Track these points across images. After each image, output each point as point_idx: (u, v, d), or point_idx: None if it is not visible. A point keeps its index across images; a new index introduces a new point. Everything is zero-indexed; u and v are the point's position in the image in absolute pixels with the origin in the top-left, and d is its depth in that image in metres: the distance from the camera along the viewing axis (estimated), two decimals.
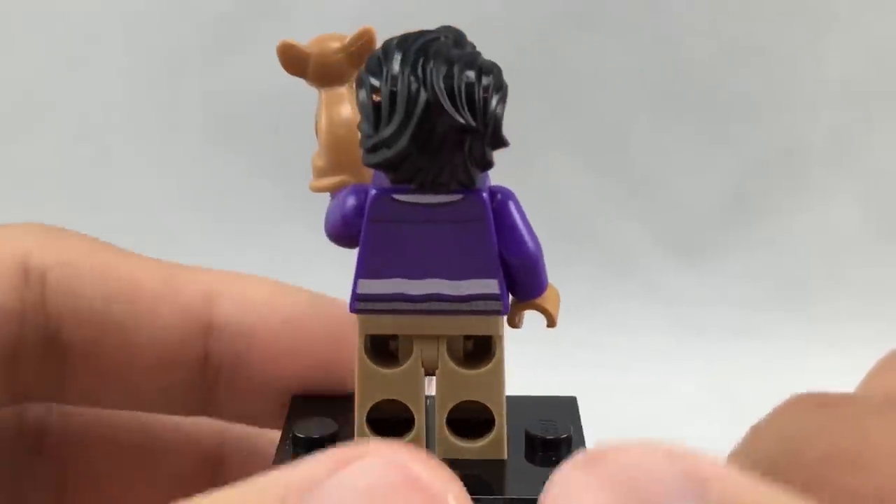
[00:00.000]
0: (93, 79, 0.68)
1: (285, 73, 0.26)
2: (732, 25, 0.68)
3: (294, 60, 0.26)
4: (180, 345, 0.28)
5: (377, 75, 0.22)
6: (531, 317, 0.26)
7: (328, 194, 0.25)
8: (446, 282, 0.24)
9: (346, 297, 0.27)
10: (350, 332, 0.25)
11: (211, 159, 0.69)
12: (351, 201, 0.24)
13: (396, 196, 0.23)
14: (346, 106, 0.26)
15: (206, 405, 0.29)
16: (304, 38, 0.26)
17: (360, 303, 0.24)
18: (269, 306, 0.28)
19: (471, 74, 0.22)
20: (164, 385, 0.28)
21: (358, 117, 0.23)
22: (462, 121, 0.22)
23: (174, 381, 0.28)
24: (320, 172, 0.25)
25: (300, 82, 0.26)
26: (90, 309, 0.28)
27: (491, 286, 0.24)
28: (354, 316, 0.24)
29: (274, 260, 0.67)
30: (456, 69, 0.22)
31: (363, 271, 0.24)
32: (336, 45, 0.25)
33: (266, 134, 0.68)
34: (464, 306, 0.24)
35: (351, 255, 0.26)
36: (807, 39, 0.68)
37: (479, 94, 0.22)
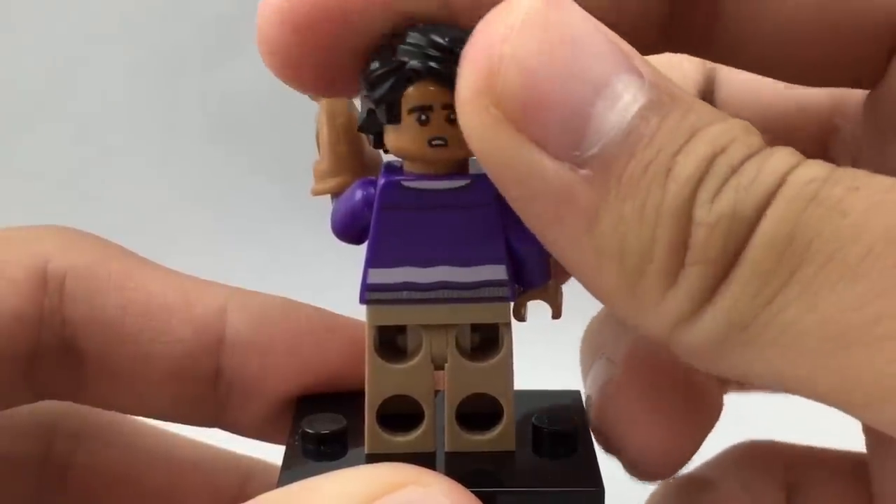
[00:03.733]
0: (93, 79, 0.68)
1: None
2: None
3: None
4: (193, 358, 0.28)
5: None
6: (533, 316, 0.27)
7: (328, 197, 0.26)
8: (454, 269, 0.24)
9: (345, 296, 0.27)
10: (361, 349, 0.25)
11: (211, 159, 0.69)
12: (359, 193, 0.24)
13: (406, 183, 0.24)
14: (347, 114, 0.26)
15: (218, 418, 0.29)
16: None
17: (371, 293, 0.24)
18: (281, 322, 0.29)
19: None
20: (177, 395, 0.29)
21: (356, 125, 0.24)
22: None
23: (187, 393, 0.29)
24: (321, 176, 0.26)
25: None
26: (105, 318, 0.28)
27: (499, 272, 0.24)
28: (364, 333, 0.25)
29: (274, 260, 0.67)
30: None
31: (373, 261, 0.24)
32: None
33: (266, 134, 0.68)
34: (472, 293, 0.24)
35: (350, 256, 0.26)
36: None
37: None
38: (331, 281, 0.47)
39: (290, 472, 0.25)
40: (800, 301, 0.19)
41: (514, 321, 0.25)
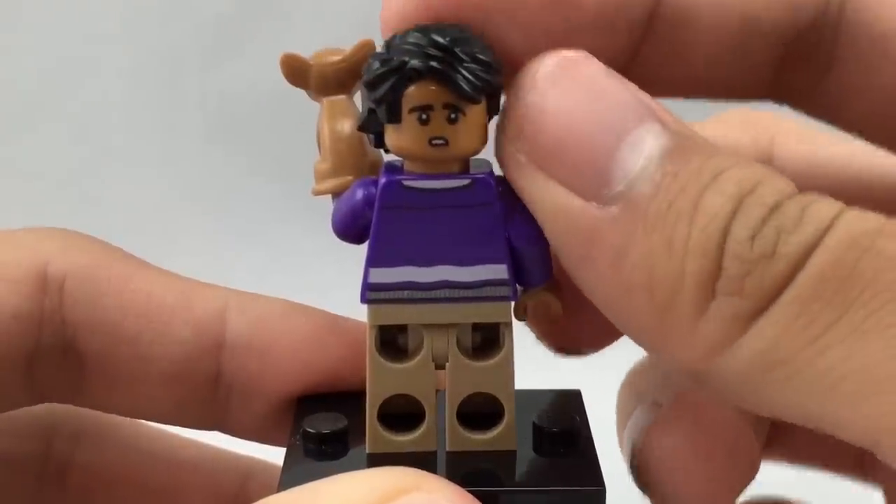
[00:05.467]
0: (93, 79, 0.68)
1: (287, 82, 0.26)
2: None
3: (296, 71, 0.26)
4: (193, 360, 0.28)
5: None
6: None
7: (329, 197, 0.26)
8: (455, 268, 0.24)
9: (346, 296, 0.27)
10: (362, 350, 0.25)
11: (210, 159, 0.69)
12: (360, 193, 0.24)
13: (407, 182, 0.24)
14: (348, 115, 0.26)
15: (218, 420, 0.29)
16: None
17: (372, 292, 0.24)
18: (281, 324, 0.29)
19: None
20: (177, 398, 0.29)
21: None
22: None
23: (186, 395, 0.29)
24: (322, 176, 0.26)
25: None
26: (105, 319, 0.28)
27: (500, 271, 0.24)
28: (365, 333, 0.25)
29: (273, 260, 0.67)
30: None
31: (374, 260, 0.24)
32: (337, 57, 0.26)
33: (265, 134, 0.68)
34: (473, 293, 0.24)
35: (350, 256, 0.26)
36: None
37: None
38: (331, 281, 0.47)
39: (292, 471, 0.25)
40: (846, 343, 0.20)
41: (515, 321, 0.25)
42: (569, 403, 0.27)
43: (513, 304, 0.25)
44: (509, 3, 0.24)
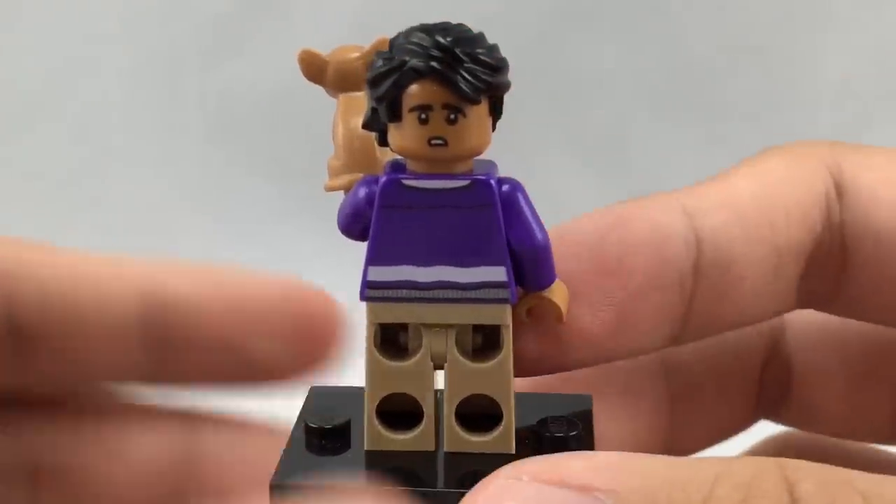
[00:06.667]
0: (93, 79, 0.68)
1: (304, 78, 0.27)
2: (732, 25, 0.68)
3: (313, 67, 0.26)
4: (126, 315, 0.29)
5: None
6: None
7: (341, 194, 0.26)
8: (454, 269, 0.24)
9: (346, 296, 0.27)
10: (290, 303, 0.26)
11: (211, 159, 0.69)
12: (362, 191, 0.24)
13: (406, 182, 0.24)
14: (363, 112, 0.26)
15: (160, 371, 0.30)
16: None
17: (370, 290, 0.24)
18: (214, 276, 0.30)
19: None
20: (118, 355, 0.30)
21: None
22: None
23: (126, 351, 0.30)
24: (335, 172, 0.26)
25: (300, 82, 0.27)
26: (39, 290, 0.29)
27: (498, 274, 0.24)
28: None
29: (273, 260, 0.67)
30: None
31: (373, 258, 0.24)
32: (355, 53, 0.26)
33: (265, 134, 0.68)
34: (471, 294, 0.24)
35: (349, 256, 0.26)
36: (806, 39, 0.68)
37: None
38: (330, 281, 0.47)
39: (289, 463, 0.25)
40: None
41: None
42: (577, 408, 0.27)
43: (513, 306, 0.25)
44: (571, 282, 0.25)
